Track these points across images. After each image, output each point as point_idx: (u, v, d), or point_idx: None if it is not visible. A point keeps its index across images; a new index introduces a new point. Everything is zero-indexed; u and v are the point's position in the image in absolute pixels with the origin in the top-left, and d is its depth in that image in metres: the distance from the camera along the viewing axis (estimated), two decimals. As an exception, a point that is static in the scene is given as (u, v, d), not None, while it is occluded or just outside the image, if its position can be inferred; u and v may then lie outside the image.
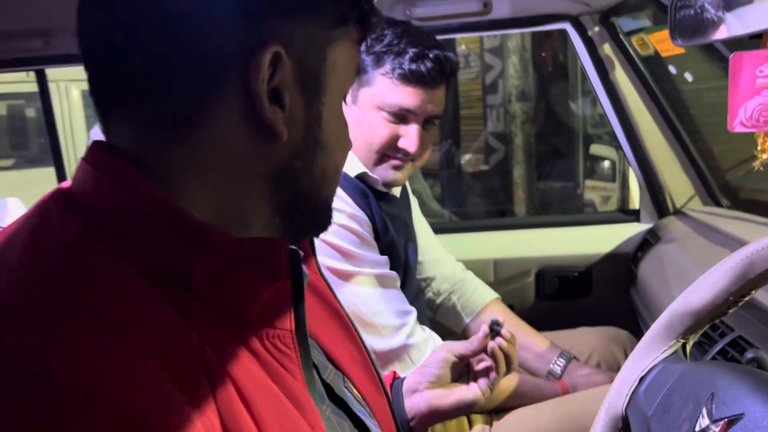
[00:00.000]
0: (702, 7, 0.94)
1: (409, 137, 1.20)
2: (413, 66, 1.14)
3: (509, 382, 1.25)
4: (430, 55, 1.15)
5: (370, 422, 0.64)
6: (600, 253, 1.75)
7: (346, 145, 0.56)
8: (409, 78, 1.15)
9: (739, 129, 0.92)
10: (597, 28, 1.64)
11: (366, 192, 1.23)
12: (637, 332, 1.47)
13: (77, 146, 4.90)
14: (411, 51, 1.14)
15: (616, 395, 0.75)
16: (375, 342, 1.14)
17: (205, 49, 0.45)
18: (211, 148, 0.47)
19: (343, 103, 0.56)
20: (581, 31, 1.65)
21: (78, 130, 5.05)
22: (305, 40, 0.48)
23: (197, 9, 0.44)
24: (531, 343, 1.42)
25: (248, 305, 0.48)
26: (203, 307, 0.45)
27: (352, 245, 1.16)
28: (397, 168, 1.23)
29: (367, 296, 1.15)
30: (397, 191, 1.35)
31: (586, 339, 1.49)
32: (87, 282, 0.41)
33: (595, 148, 3.42)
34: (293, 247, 0.51)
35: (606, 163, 3.33)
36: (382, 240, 1.24)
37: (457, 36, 3.04)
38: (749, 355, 0.83)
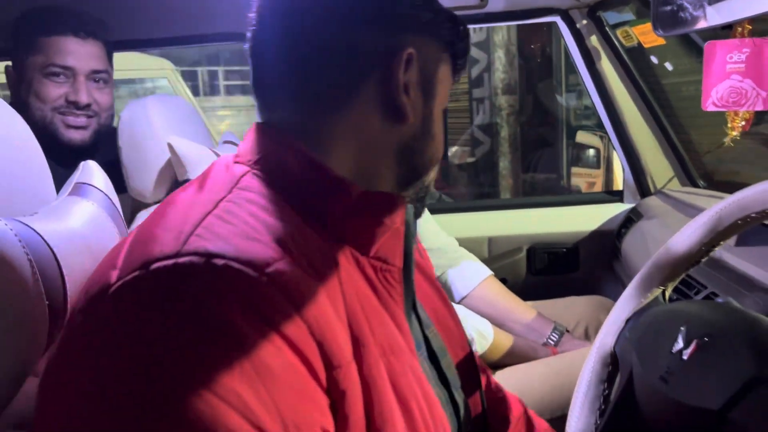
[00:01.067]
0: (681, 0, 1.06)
1: None
2: None
3: (506, 341, 1.37)
4: None
5: (456, 381, 0.75)
6: (587, 231, 1.88)
7: (442, 142, 0.69)
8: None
9: (711, 108, 1.05)
10: (585, 21, 1.76)
11: None
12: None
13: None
14: None
15: (605, 336, 0.86)
16: None
17: (361, 46, 0.59)
18: (353, 122, 0.60)
19: None
20: (570, 23, 1.77)
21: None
22: (428, 53, 0.63)
23: (359, 18, 0.59)
24: (521, 315, 1.53)
25: (369, 243, 0.60)
26: (334, 240, 0.57)
27: None
28: None
29: None
30: None
31: (574, 307, 1.61)
32: (254, 207, 0.54)
33: (582, 136, 3.56)
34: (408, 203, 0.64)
35: (591, 151, 3.48)
36: None
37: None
38: (719, 300, 0.95)
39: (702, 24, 1.02)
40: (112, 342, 0.45)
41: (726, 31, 1.04)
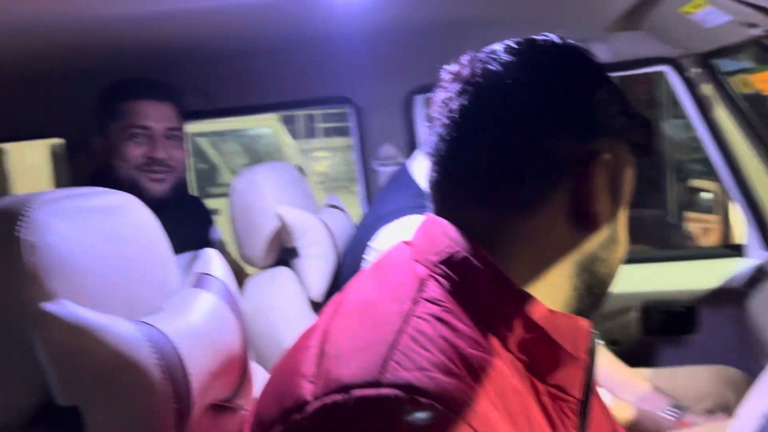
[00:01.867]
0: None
1: None
2: None
3: (626, 413, 1.29)
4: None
5: None
6: (705, 289, 1.75)
7: (626, 244, 0.66)
8: None
9: None
10: (696, 70, 1.68)
11: None
12: (750, 370, 1.47)
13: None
14: None
15: (742, 429, 0.79)
16: None
17: (557, 152, 0.58)
18: (539, 228, 0.59)
19: None
20: (680, 72, 1.70)
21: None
22: (619, 156, 0.61)
23: (557, 126, 0.58)
24: (635, 386, 1.42)
25: (549, 369, 0.58)
26: (514, 362, 0.56)
27: None
28: None
29: None
30: None
31: (696, 380, 1.48)
32: (444, 328, 0.53)
33: (696, 182, 3.38)
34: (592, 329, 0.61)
35: (706, 196, 3.29)
36: None
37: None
38: None
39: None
40: None
41: None
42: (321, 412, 0.48)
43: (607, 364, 1.49)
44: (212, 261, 0.83)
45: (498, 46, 0.62)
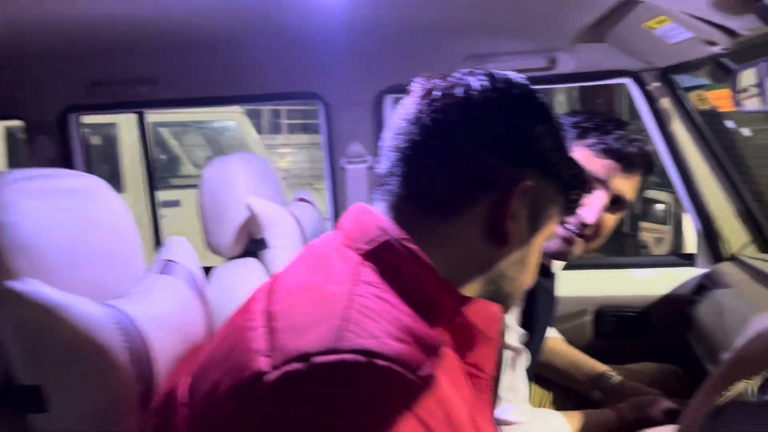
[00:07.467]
0: (764, 78, 1.04)
1: (591, 205, 1.22)
2: (616, 144, 1.24)
3: (575, 422, 1.32)
4: (635, 143, 1.26)
5: None
6: (656, 295, 1.82)
7: (534, 273, 0.74)
8: (607, 152, 1.24)
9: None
10: (656, 84, 1.74)
11: None
12: (694, 372, 1.53)
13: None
14: (617, 133, 1.26)
15: (690, 425, 0.83)
16: None
17: (485, 168, 0.65)
18: (457, 233, 0.66)
19: None
20: (641, 85, 1.75)
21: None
22: (544, 191, 0.69)
23: (493, 146, 0.66)
24: (587, 365, 1.55)
25: (467, 347, 0.65)
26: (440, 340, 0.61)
27: None
28: (567, 240, 1.25)
29: None
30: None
31: (642, 373, 1.56)
32: (385, 305, 0.58)
33: (651, 193, 3.50)
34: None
35: (659, 206, 3.42)
36: None
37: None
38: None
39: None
40: (275, 429, 0.49)
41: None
42: (281, 381, 0.50)
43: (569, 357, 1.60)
44: (180, 248, 0.83)
45: (465, 71, 0.70)
